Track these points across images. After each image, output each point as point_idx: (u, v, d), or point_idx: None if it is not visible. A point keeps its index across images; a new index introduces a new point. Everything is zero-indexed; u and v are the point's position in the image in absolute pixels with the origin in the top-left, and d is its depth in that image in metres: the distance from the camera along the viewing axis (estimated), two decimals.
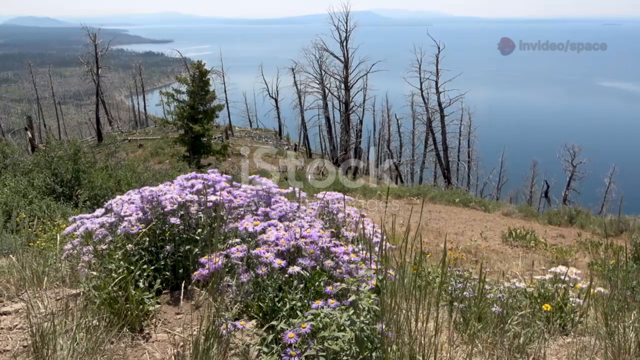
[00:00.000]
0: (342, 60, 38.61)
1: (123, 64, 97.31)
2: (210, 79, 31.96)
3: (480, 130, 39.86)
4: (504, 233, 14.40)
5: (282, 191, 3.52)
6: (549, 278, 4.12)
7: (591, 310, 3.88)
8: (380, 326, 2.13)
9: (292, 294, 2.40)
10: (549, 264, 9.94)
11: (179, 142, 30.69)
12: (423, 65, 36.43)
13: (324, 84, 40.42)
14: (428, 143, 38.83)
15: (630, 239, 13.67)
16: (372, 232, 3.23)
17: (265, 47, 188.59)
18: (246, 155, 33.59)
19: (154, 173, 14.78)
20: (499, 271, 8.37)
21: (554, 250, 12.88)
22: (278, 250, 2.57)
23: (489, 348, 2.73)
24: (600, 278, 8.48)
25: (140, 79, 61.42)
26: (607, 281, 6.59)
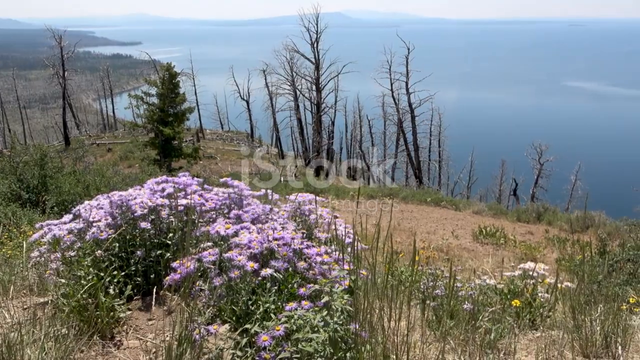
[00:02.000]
0: (313, 62, 38.68)
1: (90, 66, 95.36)
2: (181, 81, 31.59)
3: (450, 130, 40.45)
4: (474, 231, 14.64)
5: (255, 193, 3.51)
6: (518, 274, 4.22)
7: (559, 305, 3.99)
8: (353, 326, 2.14)
9: (265, 297, 2.40)
10: (518, 261, 10.15)
11: (149, 146, 30.23)
12: (393, 66, 36.79)
13: (296, 86, 40.41)
14: (399, 143, 39.20)
15: (596, 234, 14.10)
16: (344, 232, 3.25)
17: (236, 49, 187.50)
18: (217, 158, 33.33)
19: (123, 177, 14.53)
20: (470, 269, 8.51)
21: (523, 247, 13.17)
22: (251, 253, 2.55)
23: (461, 345, 2.77)
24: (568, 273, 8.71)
25: (108, 82, 60.27)
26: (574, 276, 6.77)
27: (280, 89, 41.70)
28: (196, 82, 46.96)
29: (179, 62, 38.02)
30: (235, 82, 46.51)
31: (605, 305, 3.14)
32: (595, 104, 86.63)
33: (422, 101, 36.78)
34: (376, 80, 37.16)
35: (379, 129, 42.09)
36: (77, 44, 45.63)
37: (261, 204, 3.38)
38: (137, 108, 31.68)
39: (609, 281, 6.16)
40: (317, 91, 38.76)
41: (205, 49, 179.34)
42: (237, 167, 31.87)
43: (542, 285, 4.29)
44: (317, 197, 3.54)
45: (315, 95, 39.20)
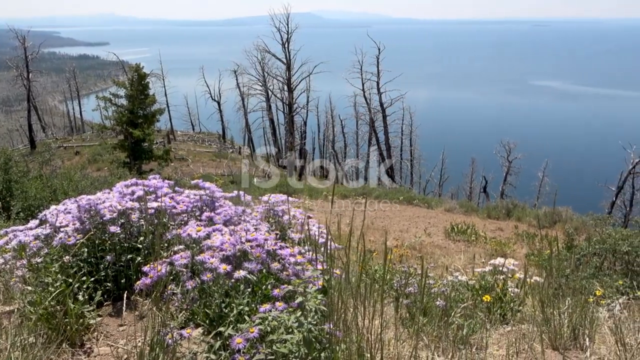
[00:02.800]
0: (285, 62, 38.61)
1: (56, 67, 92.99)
2: (150, 82, 31.11)
3: (421, 129, 40.93)
4: (446, 228, 14.84)
5: (227, 195, 3.48)
6: (489, 270, 4.29)
7: (529, 299, 4.08)
8: (328, 326, 2.15)
9: (239, 299, 2.38)
10: (489, 257, 10.33)
11: (118, 148, 29.67)
12: (364, 66, 37.03)
13: (267, 86, 40.28)
14: (371, 143, 39.47)
15: (563, 229, 14.46)
16: (318, 232, 3.25)
17: (206, 49, 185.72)
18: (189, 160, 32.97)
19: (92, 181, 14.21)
20: (442, 266, 8.62)
21: (493, 243, 13.41)
22: (223, 255, 2.53)
23: (435, 341, 2.81)
24: (537, 268, 8.90)
25: (75, 83, 58.89)
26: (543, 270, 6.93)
27: (251, 90, 41.52)
28: (166, 83, 46.35)
29: (148, 62, 37.40)
30: (206, 82, 46.07)
31: (573, 299, 3.22)
32: (561, 103, 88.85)
33: (393, 101, 37.12)
34: (348, 80, 37.34)
35: (351, 129, 42.32)
36: (42, 44, 44.45)
37: (233, 205, 3.35)
38: (105, 110, 31.05)
39: (576, 275, 6.32)
40: (289, 91, 38.70)
41: (174, 49, 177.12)
42: (209, 168, 31.55)
43: (512, 280, 4.39)
44: (290, 197, 3.54)
45: (287, 95, 39.14)
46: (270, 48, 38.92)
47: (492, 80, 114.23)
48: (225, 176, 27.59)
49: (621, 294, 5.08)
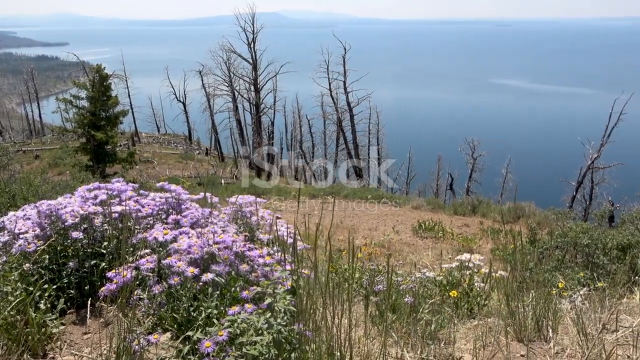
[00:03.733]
0: (251, 62, 38.36)
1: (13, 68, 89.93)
2: (112, 84, 30.38)
3: (388, 128, 41.32)
4: (414, 226, 15.03)
5: (193, 197, 3.44)
6: (456, 266, 4.37)
7: (495, 293, 4.17)
8: (297, 326, 2.15)
9: (207, 302, 2.35)
10: (456, 253, 10.52)
11: (80, 151, 28.87)
12: (331, 66, 37.13)
13: (233, 86, 39.93)
14: (339, 142, 39.62)
15: (527, 224, 14.84)
16: (286, 233, 3.24)
17: (170, 50, 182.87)
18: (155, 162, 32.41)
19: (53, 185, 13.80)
20: (411, 262, 8.73)
21: (460, 239, 13.65)
22: (191, 258, 2.50)
23: (404, 337, 2.84)
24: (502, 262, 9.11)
25: (33, 85, 57.05)
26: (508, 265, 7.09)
27: (217, 90, 41.07)
28: (129, 84, 45.43)
29: (110, 63, 36.56)
30: (170, 83, 45.37)
31: (537, 292, 3.31)
32: (521, 101, 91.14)
33: (360, 100, 37.35)
34: (314, 80, 37.38)
35: (319, 129, 42.38)
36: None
37: (200, 207, 3.31)
38: (66, 112, 30.15)
39: (539, 268, 6.49)
40: (255, 92, 38.47)
41: (137, 49, 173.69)
42: (175, 170, 31.08)
43: (478, 275, 4.47)
44: (258, 198, 3.53)
45: (253, 95, 38.90)
46: (235, 48, 38.61)
47: (455, 79, 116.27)
48: (193, 178, 27.23)
49: (582, 286, 5.24)
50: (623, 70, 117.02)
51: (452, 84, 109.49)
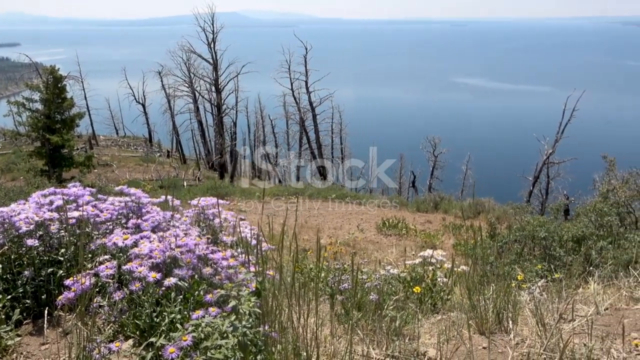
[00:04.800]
0: (211, 63, 37.87)
1: None
2: (67, 85, 29.45)
3: (350, 127, 41.57)
4: (378, 224, 15.18)
5: (154, 200, 3.38)
6: (419, 262, 4.44)
7: (457, 288, 4.25)
8: (263, 328, 2.13)
9: (170, 307, 2.32)
10: (419, 249, 10.67)
11: (35, 156, 27.87)
12: (292, 66, 37.08)
13: (194, 87, 39.33)
14: (302, 142, 39.63)
15: (487, 219, 15.21)
16: (250, 234, 3.22)
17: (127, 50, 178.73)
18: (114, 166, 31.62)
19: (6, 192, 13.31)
20: (375, 260, 8.80)
21: (423, 235, 13.88)
22: (152, 263, 2.45)
23: (369, 334, 2.86)
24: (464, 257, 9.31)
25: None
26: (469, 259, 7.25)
27: (178, 91, 40.38)
28: (85, 86, 44.09)
29: (64, 64, 35.43)
30: (129, 84, 44.32)
31: (497, 285, 3.39)
32: (479, 99, 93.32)
33: (322, 100, 37.44)
34: (276, 80, 37.26)
35: (282, 129, 42.26)
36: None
37: (162, 211, 3.25)
38: (18, 115, 29.02)
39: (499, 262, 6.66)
40: (216, 92, 38.00)
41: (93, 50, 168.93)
42: (136, 173, 30.39)
43: (441, 270, 4.56)
44: (222, 200, 3.49)
45: (215, 96, 38.42)
46: (195, 48, 38.03)
47: (415, 78, 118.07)
48: (154, 181, 26.71)
49: (540, 278, 5.41)
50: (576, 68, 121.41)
51: (413, 83, 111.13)
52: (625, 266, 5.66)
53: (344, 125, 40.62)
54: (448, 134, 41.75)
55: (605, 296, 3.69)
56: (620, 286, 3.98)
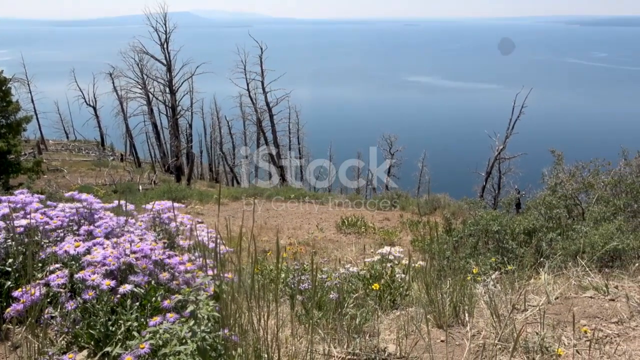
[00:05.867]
0: (165, 63, 37.08)
1: None
2: (13, 88, 28.25)
3: (308, 127, 41.64)
4: (337, 223, 15.26)
5: (107, 206, 3.29)
6: (377, 259, 4.49)
7: (415, 283, 4.33)
8: (223, 332, 2.11)
9: (126, 315, 2.26)
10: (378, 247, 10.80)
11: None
12: (248, 66, 36.77)
13: (147, 89, 38.45)
14: (260, 143, 39.41)
15: (442, 214, 15.55)
16: (208, 237, 3.18)
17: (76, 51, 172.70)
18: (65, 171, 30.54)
19: None
20: (335, 259, 8.86)
21: (381, 233, 14.05)
22: (106, 270, 2.39)
23: (330, 333, 2.88)
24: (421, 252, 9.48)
25: None
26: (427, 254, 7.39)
27: (130, 93, 39.37)
28: (32, 89, 42.43)
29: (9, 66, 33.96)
30: (78, 87, 42.90)
31: (453, 279, 3.47)
32: (432, 96, 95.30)
33: (278, 100, 37.33)
34: (232, 81, 36.88)
35: (239, 130, 41.90)
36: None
37: (115, 216, 3.17)
38: None
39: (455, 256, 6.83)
40: (171, 94, 37.25)
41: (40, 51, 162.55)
42: (88, 178, 29.45)
43: (400, 266, 4.63)
44: (178, 203, 3.43)
45: (169, 98, 37.66)
46: (148, 49, 37.13)
47: (370, 77, 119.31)
48: (107, 186, 25.97)
49: (494, 270, 5.58)
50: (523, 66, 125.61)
51: (367, 82, 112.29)
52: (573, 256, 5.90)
53: (301, 125, 40.65)
54: (403, 132, 42.40)
55: (555, 286, 3.84)
56: (569, 276, 4.14)
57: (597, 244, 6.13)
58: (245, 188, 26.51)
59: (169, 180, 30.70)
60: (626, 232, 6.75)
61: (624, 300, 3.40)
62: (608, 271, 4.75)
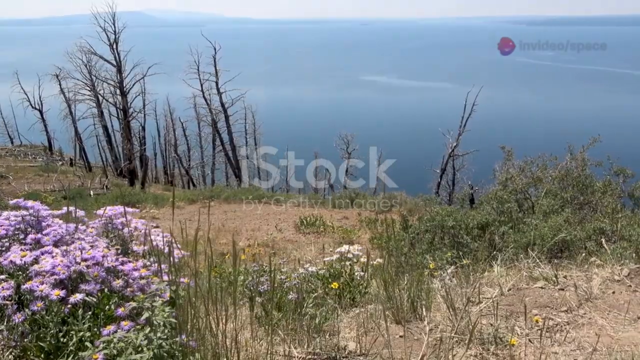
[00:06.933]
0: (115, 64, 36.02)
1: None
2: None
3: (264, 127, 41.43)
4: (296, 223, 15.26)
5: (56, 213, 3.16)
6: (336, 258, 4.52)
7: (374, 280, 4.38)
8: (180, 338, 2.07)
9: (78, 325, 2.18)
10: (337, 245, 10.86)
11: None
12: (201, 66, 36.25)
13: (97, 91, 37.22)
14: (216, 144, 38.92)
15: (399, 212, 15.80)
16: (163, 242, 3.11)
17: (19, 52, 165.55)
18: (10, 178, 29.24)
19: None
20: (295, 259, 8.85)
21: (340, 231, 14.14)
22: (56, 279, 2.30)
23: (291, 334, 2.87)
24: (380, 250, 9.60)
25: None
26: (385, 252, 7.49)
27: (79, 95, 38.03)
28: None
29: None
30: (22, 89, 41.10)
31: (411, 275, 3.53)
32: (388, 95, 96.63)
33: (234, 100, 36.97)
34: (185, 82, 36.25)
35: (194, 131, 41.23)
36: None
37: (65, 223, 3.06)
38: None
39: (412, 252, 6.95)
40: (122, 95, 36.23)
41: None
42: (36, 185, 28.27)
43: (359, 264, 4.67)
44: (132, 207, 3.34)
45: (120, 100, 36.63)
46: (96, 49, 35.94)
47: (325, 77, 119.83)
48: (57, 192, 25.02)
49: (450, 265, 5.70)
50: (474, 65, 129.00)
51: (323, 82, 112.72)
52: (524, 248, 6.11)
53: (257, 125, 40.41)
54: (360, 131, 42.76)
55: (508, 278, 3.97)
56: (521, 267, 4.28)
57: (546, 236, 6.36)
58: (201, 190, 26.12)
59: (122, 185, 29.91)
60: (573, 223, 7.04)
61: (573, 289, 3.55)
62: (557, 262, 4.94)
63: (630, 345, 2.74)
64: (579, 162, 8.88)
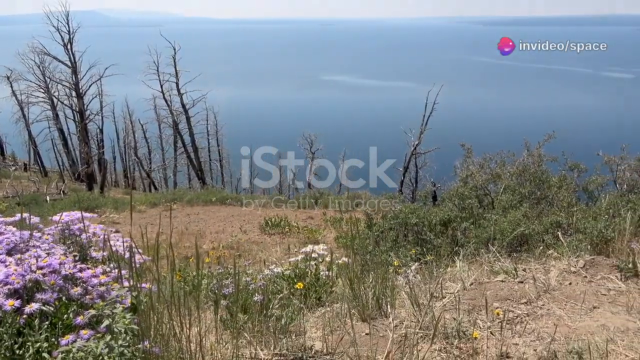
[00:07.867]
0: (70, 65, 34.92)
1: None
2: None
3: (227, 129, 41.01)
4: (261, 224, 15.18)
5: (9, 220, 3.04)
6: (301, 258, 4.51)
7: (340, 279, 4.40)
8: (143, 345, 2.03)
9: (35, 336, 2.11)
10: (302, 246, 10.86)
11: None
12: (161, 67, 35.56)
13: (51, 93, 36.03)
14: (177, 146, 38.29)
15: (363, 210, 15.92)
16: (123, 247, 3.04)
17: None
18: None
19: None
20: (260, 260, 8.80)
21: (305, 231, 14.16)
22: (9, 289, 2.21)
23: (257, 336, 2.85)
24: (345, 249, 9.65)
25: None
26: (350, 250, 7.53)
27: (32, 97, 36.72)
28: None
29: None
30: None
31: (375, 272, 3.56)
32: (350, 95, 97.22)
33: (195, 101, 36.43)
34: (144, 82, 35.46)
35: (154, 133, 40.42)
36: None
37: (18, 230, 2.95)
38: None
39: (377, 250, 7.02)
40: (77, 97, 35.17)
41: None
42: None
43: (324, 264, 4.68)
44: (91, 212, 3.25)
45: (76, 102, 35.57)
46: (50, 50, 34.78)
47: (287, 77, 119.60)
48: (10, 198, 24.10)
49: (414, 261, 5.79)
50: (436, 65, 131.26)
51: (285, 82, 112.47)
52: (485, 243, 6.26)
53: (219, 126, 39.97)
54: (323, 130, 42.86)
55: (470, 272, 4.05)
56: (482, 262, 4.39)
57: (506, 231, 6.54)
58: (164, 193, 25.67)
59: (79, 189, 29.09)
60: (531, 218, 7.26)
61: (532, 281, 3.65)
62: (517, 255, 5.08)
63: (587, 334, 2.84)
64: (536, 158, 9.17)
